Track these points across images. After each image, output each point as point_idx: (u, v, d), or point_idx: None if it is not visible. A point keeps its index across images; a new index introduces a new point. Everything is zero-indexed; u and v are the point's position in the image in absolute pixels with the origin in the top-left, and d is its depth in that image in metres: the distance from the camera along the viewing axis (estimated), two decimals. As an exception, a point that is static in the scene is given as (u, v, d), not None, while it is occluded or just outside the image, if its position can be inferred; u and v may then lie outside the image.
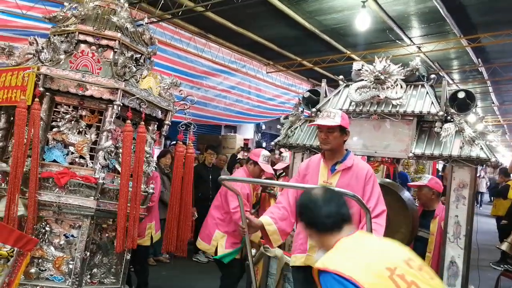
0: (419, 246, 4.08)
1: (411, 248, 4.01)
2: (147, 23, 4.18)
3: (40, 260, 3.29)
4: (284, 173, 5.47)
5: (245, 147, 11.16)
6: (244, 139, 12.82)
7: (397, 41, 9.22)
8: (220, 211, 4.25)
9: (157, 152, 6.58)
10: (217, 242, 4.18)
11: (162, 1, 7.52)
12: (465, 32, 8.69)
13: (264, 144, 14.27)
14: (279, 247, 3.45)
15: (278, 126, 4.42)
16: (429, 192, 4.18)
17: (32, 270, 3.24)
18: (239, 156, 9.65)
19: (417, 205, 4.37)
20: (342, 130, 2.93)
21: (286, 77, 12.55)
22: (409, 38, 9.26)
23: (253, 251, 3.61)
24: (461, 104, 3.51)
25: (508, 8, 7.47)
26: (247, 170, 4.35)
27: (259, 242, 4.17)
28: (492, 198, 12.50)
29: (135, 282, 4.77)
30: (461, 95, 3.49)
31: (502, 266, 7.17)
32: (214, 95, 10.14)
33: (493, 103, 15.19)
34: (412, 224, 3.88)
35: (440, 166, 16.55)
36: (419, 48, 9.72)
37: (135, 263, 4.72)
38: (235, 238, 4.12)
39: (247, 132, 14.42)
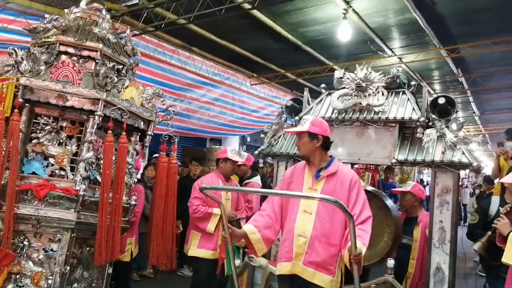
0: (402, 253, 4.08)
1: (394, 255, 4.03)
2: (128, 35, 4.16)
3: (17, 276, 3.18)
4: (249, 182, 5.55)
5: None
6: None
7: (378, 52, 9.34)
8: None
9: (143, 165, 6.49)
10: (191, 242, 4.41)
11: (145, 14, 7.52)
12: (445, 42, 8.85)
13: (249, 157, 14.21)
14: (264, 256, 3.41)
15: (262, 135, 4.42)
16: (412, 199, 4.20)
17: (9, 287, 3.13)
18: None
19: (400, 212, 4.38)
20: (311, 136, 2.93)
21: (270, 89, 12.60)
22: (390, 49, 9.41)
23: (237, 262, 3.55)
24: (442, 110, 3.55)
25: (485, 19, 7.65)
26: (221, 170, 4.46)
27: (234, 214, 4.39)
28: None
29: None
30: (441, 101, 3.54)
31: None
32: (197, 107, 10.11)
33: (474, 112, 15.43)
34: (395, 232, 3.87)
35: (424, 176, 16.68)
36: (400, 59, 9.87)
37: (117, 280, 4.61)
38: (206, 241, 4.32)
39: (232, 144, 14.37)
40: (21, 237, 3.22)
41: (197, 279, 4.46)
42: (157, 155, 8.29)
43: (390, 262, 3.19)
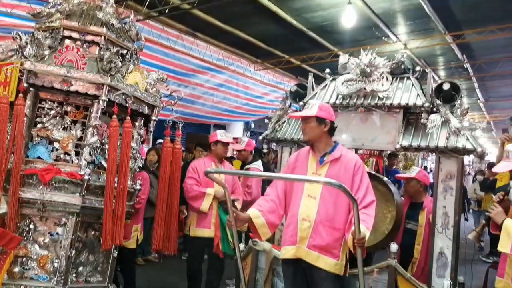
0: (407, 239, 4.09)
1: (399, 240, 4.05)
2: (132, 20, 4.14)
3: (24, 259, 3.22)
4: (250, 167, 5.57)
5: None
6: (234, 138, 12.76)
7: (383, 38, 9.27)
8: None
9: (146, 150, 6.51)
10: (190, 222, 4.51)
11: (149, -1, 7.49)
12: (450, 28, 8.77)
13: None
14: (268, 240, 3.43)
15: (266, 121, 4.41)
16: (417, 185, 4.19)
17: (16, 269, 3.18)
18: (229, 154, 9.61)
19: (403, 198, 4.38)
20: (319, 121, 2.93)
21: (275, 75, 12.56)
22: (395, 35, 9.33)
23: (241, 246, 3.59)
24: (447, 95, 3.53)
25: (491, 5, 7.56)
26: (213, 153, 4.56)
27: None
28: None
29: (122, 282, 4.71)
30: (446, 86, 3.51)
31: (491, 258, 7.27)
32: (201, 92, 10.10)
33: (479, 99, 15.34)
34: (397, 217, 3.87)
35: (428, 163, 16.65)
36: (405, 45, 9.80)
37: (122, 264, 4.66)
38: (202, 220, 4.40)
39: (236, 131, 14.40)
40: (27, 221, 3.26)
41: (193, 257, 4.57)
42: (160, 140, 8.33)
43: (394, 247, 3.21)
